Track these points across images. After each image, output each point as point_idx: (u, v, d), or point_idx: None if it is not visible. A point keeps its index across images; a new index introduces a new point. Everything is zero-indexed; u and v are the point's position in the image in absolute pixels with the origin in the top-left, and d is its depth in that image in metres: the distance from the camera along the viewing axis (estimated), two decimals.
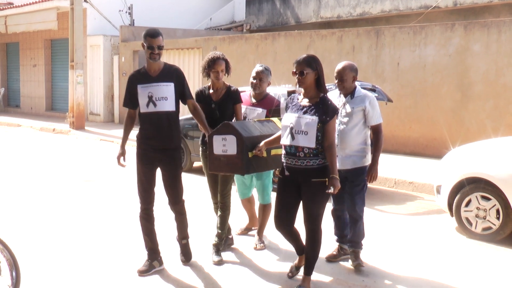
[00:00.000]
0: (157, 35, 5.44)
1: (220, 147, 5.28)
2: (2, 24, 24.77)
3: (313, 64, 4.91)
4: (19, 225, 7.05)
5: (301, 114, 4.87)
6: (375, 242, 6.77)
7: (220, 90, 6.02)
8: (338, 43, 14.47)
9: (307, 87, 4.94)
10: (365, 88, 9.36)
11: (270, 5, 22.56)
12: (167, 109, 5.43)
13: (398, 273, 5.72)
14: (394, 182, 10.18)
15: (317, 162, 4.86)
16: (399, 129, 13.24)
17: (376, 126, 5.75)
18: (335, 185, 4.76)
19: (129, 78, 5.63)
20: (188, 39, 19.38)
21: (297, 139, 4.83)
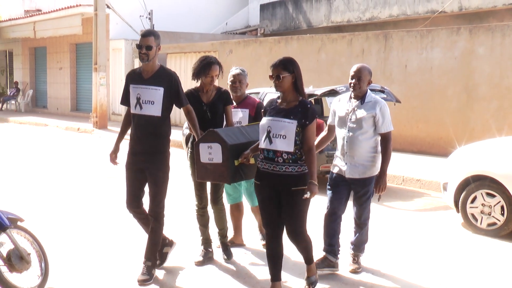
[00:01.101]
0: (148, 35, 5.04)
1: (206, 155, 4.94)
2: (31, 29, 24.95)
3: (289, 67, 4.48)
4: (46, 219, 7.10)
5: (280, 118, 4.48)
6: (384, 237, 6.75)
7: (210, 92, 5.63)
8: (348, 46, 14.42)
9: (284, 91, 4.53)
10: (374, 89, 9.37)
11: (283, 10, 22.53)
12: (152, 113, 5.05)
13: (405, 267, 5.69)
14: (402, 179, 10.13)
15: (296, 169, 4.47)
16: (406, 128, 13.17)
17: (385, 134, 5.26)
18: (312, 191, 4.39)
19: (126, 76, 5.34)
20: (205, 43, 19.40)
21: (275, 143, 4.45)
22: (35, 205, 7.89)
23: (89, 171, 11.05)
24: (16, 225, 4.72)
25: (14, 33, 26.72)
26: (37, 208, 7.67)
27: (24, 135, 18.10)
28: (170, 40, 20.92)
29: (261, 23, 23.72)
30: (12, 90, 28.40)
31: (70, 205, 7.90)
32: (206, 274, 5.44)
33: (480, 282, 5.32)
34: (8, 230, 4.58)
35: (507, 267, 5.76)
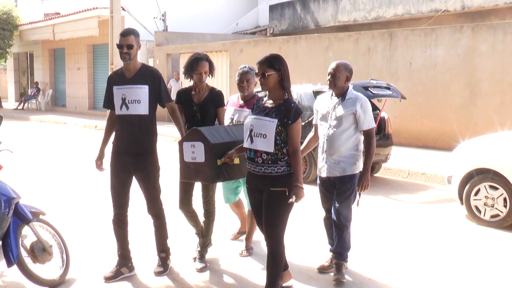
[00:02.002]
0: (128, 34, 4.74)
1: (190, 154, 4.62)
2: (50, 32, 25.07)
3: (275, 64, 4.09)
4: (67, 213, 7.14)
5: (262, 116, 4.11)
6: (390, 229, 6.73)
7: (202, 92, 5.23)
8: (355, 45, 14.37)
9: (270, 89, 4.13)
10: (380, 86, 9.34)
11: (292, 11, 22.48)
12: (139, 112, 4.76)
13: (411, 257, 5.67)
14: (407, 173, 10.10)
15: (276, 170, 4.06)
16: (411, 124, 13.13)
17: (368, 131, 4.89)
18: (298, 195, 3.98)
19: (108, 79, 5.07)
20: (216, 43, 19.41)
21: (256, 142, 4.08)
22: (55, 199, 7.93)
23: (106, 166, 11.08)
24: (38, 219, 4.77)
25: (34, 36, 26.85)
26: (57, 202, 7.72)
27: (44, 133, 18.20)
28: (183, 41, 20.95)
29: (270, 23, 23.69)
30: (33, 90, 28.57)
31: (89, 199, 7.94)
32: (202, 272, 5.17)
33: (483, 271, 5.29)
34: (31, 223, 4.62)
35: (509, 257, 5.73)
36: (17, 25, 27.12)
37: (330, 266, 5.13)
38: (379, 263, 5.50)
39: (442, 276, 5.15)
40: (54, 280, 4.73)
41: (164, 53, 20.54)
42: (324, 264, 5.23)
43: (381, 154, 9.65)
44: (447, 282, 5.00)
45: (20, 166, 10.58)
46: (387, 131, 9.76)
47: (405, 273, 5.21)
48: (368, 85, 9.12)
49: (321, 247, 5.62)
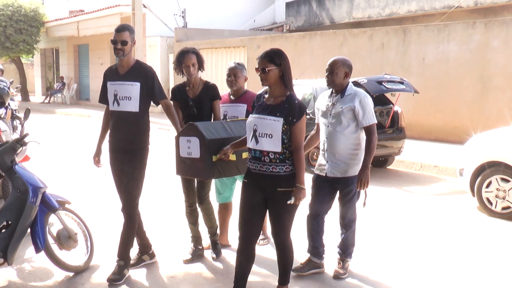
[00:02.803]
0: (123, 30, 4.52)
1: (185, 150, 4.44)
2: (74, 28, 25.23)
3: (276, 59, 3.80)
4: (90, 202, 7.19)
5: (265, 115, 3.82)
6: (403, 220, 6.70)
7: (196, 87, 5.00)
8: (369, 40, 14.27)
9: (271, 85, 3.85)
10: (394, 80, 9.28)
11: (307, 8, 22.37)
12: (129, 109, 4.56)
13: (424, 247, 5.64)
14: (420, 165, 10.03)
15: (284, 169, 3.81)
16: (424, 118, 13.02)
17: (368, 128, 4.54)
18: (298, 196, 3.74)
19: (104, 74, 4.88)
20: (234, 39, 19.40)
21: (261, 143, 3.80)
22: (80, 189, 8.00)
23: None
24: (64, 207, 4.81)
25: (59, 32, 27.05)
26: (82, 192, 7.78)
27: (69, 125, 18.36)
28: (202, 37, 20.96)
29: (286, 19, 23.60)
30: (59, 84, 28.80)
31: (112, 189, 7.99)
32: (193, 273, 4.88)
33: (495, 262, 5.25)
34: (57, 212, 4.66)
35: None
36: (44, 22, 27.34)
37: (305, 268, 4.76)
38: (391, 253, 5.48)
39: (454, 266, 5.12)
40: (79, 266, 4.78)
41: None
42: (299, 264, 4.80)
43: (394, 147, 9.61)
44: (459, 272, 4.97)
45: (47, 157, 10.69)
46: (400, 125, 9.71)
47: (417, 264, 5.19)
48: (382, 80, 9.12)
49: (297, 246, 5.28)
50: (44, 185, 4.54)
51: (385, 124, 9.58)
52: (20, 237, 4.37)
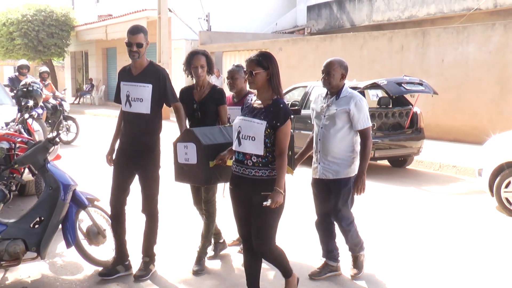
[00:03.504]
0: (138, 32, 4.43)
1: (183, 156, 4.25)
2: (103, 32, 25.50)
3: (264, 62, 3.64)
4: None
5: (250, 117, 3.68)
6: (422, 219, 6.64)
7: (203, 90, 4.80)
8: (389, 43, 14.17)
9: (258, 88, 3.69)
10: (413, 82, 9.21)
11: (328, 11, 22.30)
12: (141, 111, 4.44)
13: (443, 246, 5.58)
14: (438, 165, 9.92)
15: (267, 173, 3.63)
16: (442, 118, 12.89)
17: (363, 131, 4.35)
18: (274, 199, 3.51)
19: (118, 74, 4.76)
20: (256, 42, 19.41)
21: (244, 145, 3.65)
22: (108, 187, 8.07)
23: None
24: (93, 204, 4.86)
25: (89, 36, 27.37)
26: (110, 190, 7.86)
27: (98, 126, 18.57)
28: (225, 40, 21.03)
29: (308, 23, 23.55)
30: (88, 86, 29.16)
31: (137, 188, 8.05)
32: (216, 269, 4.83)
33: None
34: (87, 209, 4.71)
35: None
36: (74, 26, 27.69)
37: (322, 272, 4.63)
38: (410, 253, 5.43)
39: (472, 266, 5.06)
40: (108, 261, 4.83)
41: (208, 52, 20.68)
42: (316, 269, 4.68)
43: (413, 147, 9.55)
44: (477, 272, 4.91)
45: (77, 156, 10.83)
46: (419, 125, 9.65)
47: (436, 263, 5.14)
48: (401, 81, 9.08)
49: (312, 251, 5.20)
50: (75, 183, 4.60)
51: (405, 125, 9.53)
52: (52, 233, 4.44)
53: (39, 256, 4.40)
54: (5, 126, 6.42)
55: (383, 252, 5.35)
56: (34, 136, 6.92)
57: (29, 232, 4.36)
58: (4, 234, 4.28)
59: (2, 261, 4.24)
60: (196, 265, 4.81)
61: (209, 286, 4.55)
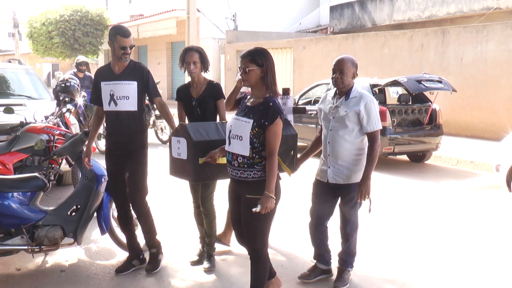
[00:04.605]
0: (129, 35, 4.32)
1: (176, 150, 4.04)
2: (135, 31, 25.74)
3: (258, 59, 3.35)
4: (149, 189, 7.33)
5: (240, 116, 3.40)
6: (440, 213, 6.58)
7: (200, 86, 4.60)
8: (409, 42, 14.01)
9: (252, 86, 3.42)
10: (432, 79, 9.12)
11: (350, 11, 22.12)
12: (128, 108, 4.27)
13: (460, 240, 5.53)
14: (456, 161, 9.80)
15: (252, 175, 3.34)
16: (461, 115, 12.71)
17: (371, 134, 3.99)
18: (264, 205, 3.23)
19: (95, 74, 4.51)
20: (281, 41, 19.37)
21: (232, 145, 3.39)
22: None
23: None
24: None
25: None
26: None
27: None
28: (251, 38, 21.03)
29: (330, 22, 23.39)
30: None
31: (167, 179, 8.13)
32: (199, 274, 4.51)
33: None
34: None
35: None
36: (108, 26, 27.98)
37: (311, 275, 4.33)
38: (427, 245, 5.40)
39: (489, 260, 5.00)
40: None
41: (234, 50, 20.71)
42: (306, 272, 4.38)
43: (432, 143, 9.47)
44: (494, 266, 4.85)
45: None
46: (438, 122, 9.57)
47: (453, 257, 5.09)
48: (421, 79, 9.02)
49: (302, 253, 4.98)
50: None
51: (424, 121, 9.46)
52: (88, 220, 4.52)
53: (75, 242, 4.49)
54: (45, 119, 6.56)
55: (400, 245, 5.33)
56: (71, 129, 7.06)
57: (66, 219, 4.46)
58: (44, 221, 4.39)
59: (43, 246, 4.35)
60: (207, 262, 4.63)
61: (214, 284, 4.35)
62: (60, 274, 4.49)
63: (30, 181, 4.46)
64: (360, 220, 4.25)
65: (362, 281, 4.39)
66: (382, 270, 4.64)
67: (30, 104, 7.57)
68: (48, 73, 41.35)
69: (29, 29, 28.33)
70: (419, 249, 5.20)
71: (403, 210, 6.60)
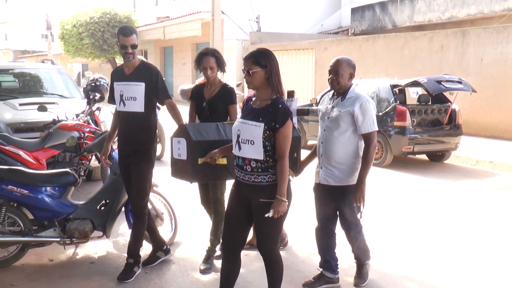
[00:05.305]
0: (130, 34, 4.12)
1: (177, 151, 3.91)
2: (161, 32, 25.95)
3: (261, 61, 3.20)
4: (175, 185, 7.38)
5: (248, 120, 3.22)
6: (460, 212, 6.51)
7: (213, 88, 4.44)
8: (429, 43, 13.84)
9: (257, 88, 3.25)
10: (452, 80, 9.02)
11: (371, 13, 21.94)
12: (135, 109, 4.18)
13: (479, 240, 5.46)
14: (475, 160, 9.66)
15: (267, 179, 3.19)
16: (480, 115, 12.51)
17: (366, 135, 3.76)
18: (276, 209, 3.11)
19: (110, 75, 4.45)
20: (303, 42, 19.31)
21: (244, 150, 3.21)
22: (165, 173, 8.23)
23: None
24: (152, 190, 4.93)
25: (148, 36, 27.89)
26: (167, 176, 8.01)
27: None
28: (274, 40, 21.01)
29: (352, 24, 23.24)
30: None
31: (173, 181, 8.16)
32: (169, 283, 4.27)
33: None
34: None
35: None
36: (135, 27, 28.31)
37: (316, 283, 4.10)
38: (446, 244, 5.34)
39: (508, 258, 4.92)
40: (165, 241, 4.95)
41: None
42: (311, 279, 4.16)
43: (451, 143, 9.36)
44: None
45: None
46: (457, 122, 9.46)
47: (472, 255, 5.03)
48: (441, 79, 8.95)
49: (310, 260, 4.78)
50: None
51: (443, 121, 9.36)
52: (116, 214, 4.59)
53: (104, 235, 4.56)
54: (76, 117, 6.67)
55: (419, 242, 5.28)
56: (100, 126, 7.15)
57: (96, 213, 4.53)
58: (75, 214, 4.47)
59: (73, 238, 4.43)
60: (204, 263, 4.49)
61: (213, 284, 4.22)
62: (90, 265, 4.56)
63: (62, 176, 4.54)
64: (379, 218, 4.22)
65: (381, 278, 4.37)
66: (401, 267, 4.61)
67: (62, 102, 7.70)
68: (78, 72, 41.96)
69: (61, 31, 28.80)
70: (438, 247, 5.15)
71: (422, 209, 6.54)
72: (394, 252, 4.97)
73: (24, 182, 4.33)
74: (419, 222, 5.94)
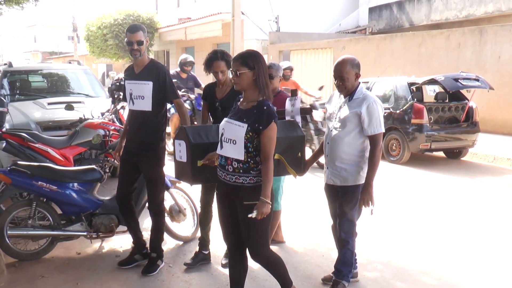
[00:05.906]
0: (137, 30, 4.06)
1: (178, 153, 3.82)
2: (183, 33, 26.05)
3: (249, 62, 3.15)
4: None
5: (233, 120, 3.20)
6: (477, 208, 6.42)
7: (225, 88, 4.34)
8: (446, 41, 13.66)
9: (244, 89, 3.21)
10: (469, 78, 8.90)
11: (389, 12, 21.74)
12: (143, 108, 4.13)
13: (497, 237, 5.39)
14: (493, 158, 9.51)
15: (248, 180, 3.14)
16: (497, 112, 12.31)
17: (372, 137, 3.66)
18: (260, 211, 3.03)
19: (123, 73, 4.45)
20: (321, 41, 19.22)
21: (225, 148, 3.17)
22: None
23: None
24: (175, 186, 5.01)
25: (170, 37, 28.03)
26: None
27: None
28: (293, 39, 20.95)
29: (369, 23, 23.05)
30: None
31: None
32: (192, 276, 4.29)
33: None
34: (170, 190, 4.88)
35: None
36: (157, 28, 28.46)
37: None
38: (464, 240, 5.28)
39: None
40: (187, 237, 5.00)
41: (277, 50, 20.68)
42: (330, 274, 4.08)
43: (468, 140, 9.24)
44: None
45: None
46: (475, 119, 9.33)
47: (490, 252, 4.97)
48: (458, 77, 8.83)
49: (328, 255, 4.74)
50: None
51: (460, 118, 9.24)
52: (141, 210, 4.65)
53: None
54: (101, 116, 6.75)
55: (437, 238, 5.23)
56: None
57: None
58: (101, 210, 4.54)
59: (99, 232, 4.50)
60: (225, 258, 4.45)
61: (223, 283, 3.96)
62: (115, 258, 4.61)
63: (88, 173, 4.61)
64: (397, 215, 4.17)
65: (399, 273, 4.34)
66: (419, 263, 4.57)
67: (88, 101, 7.80)
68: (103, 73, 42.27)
69: (86, 32, 29.13)
70: (455, 243, 5.10)
71: (439, 205, 6.47)
72: (412, 248, 4.93)
73: (53, 178, 4.41)
74: (437, 219, 5.88)
